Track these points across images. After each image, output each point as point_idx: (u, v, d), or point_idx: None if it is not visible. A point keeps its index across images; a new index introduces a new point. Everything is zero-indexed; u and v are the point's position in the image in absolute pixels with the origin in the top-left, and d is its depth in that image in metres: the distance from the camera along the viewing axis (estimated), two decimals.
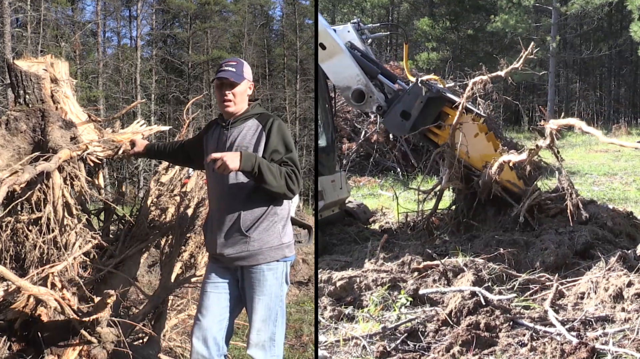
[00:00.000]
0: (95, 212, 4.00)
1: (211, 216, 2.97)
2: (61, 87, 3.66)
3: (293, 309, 6.10)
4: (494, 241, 4.86)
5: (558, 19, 26.19)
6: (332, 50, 5.42)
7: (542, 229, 5.12)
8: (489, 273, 4.23)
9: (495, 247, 4.69)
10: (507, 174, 5.38)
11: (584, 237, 4.84)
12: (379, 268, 4.34)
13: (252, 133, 2.86)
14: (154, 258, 5.66)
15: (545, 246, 4.69)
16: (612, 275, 4.04)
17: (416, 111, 5.30)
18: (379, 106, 5.35)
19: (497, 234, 5.16)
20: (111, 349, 3.18)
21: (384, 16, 31.21)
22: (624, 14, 27.88)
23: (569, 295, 4.07)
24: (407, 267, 4.41)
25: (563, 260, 4.54)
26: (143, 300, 4.26)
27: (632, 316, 3.60)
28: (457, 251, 4.63)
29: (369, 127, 10.95)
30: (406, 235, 5.72)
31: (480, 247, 4.81)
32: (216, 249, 2.86)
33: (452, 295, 3.91)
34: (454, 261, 4.40)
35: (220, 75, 2.88)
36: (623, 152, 11.80)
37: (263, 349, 2.84)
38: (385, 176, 10.40)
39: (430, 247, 4.82)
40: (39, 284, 2.85)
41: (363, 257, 4.74)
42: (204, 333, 2.84)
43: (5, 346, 3.11)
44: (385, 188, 9.23)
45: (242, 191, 2.81)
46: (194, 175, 4.26)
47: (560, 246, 4.67)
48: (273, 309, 2.86)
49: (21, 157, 3.27)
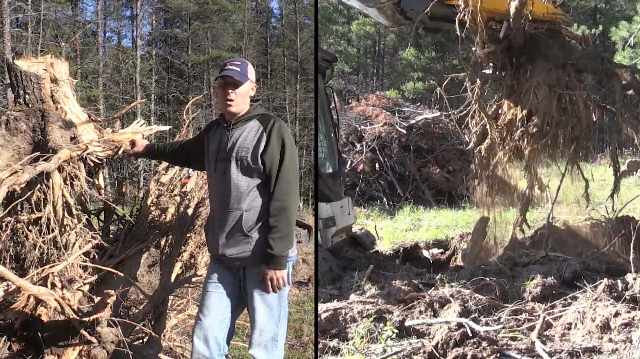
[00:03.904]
0: (95, 212, 4.00)
1: (212, 216, 2.97)
2: (61, 87, 3.66)
3: (293, 309, 6.10)
4: (480, 271, 4.83)
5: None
6: None
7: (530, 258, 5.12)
8: (475, 304, 4.18)
9: (482, 277, 4.66)
10: (540, 7, 5.16)
11: (573, 266, 4.82)
12: (365, 299, 4.28)
13: (253, 134, 2.86)
14: (154, 258, 5.66)
15: (532, 276, 4.67)
16: (599, 305, 4.01)
17: None
18: None
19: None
20: (111, 349, 3.18)
21: (370, 47, 31.35)
22: (606, 45, 28.18)
23: (556, 326, 4.00)
24: (393, 299, 4.35)
25: (550, 290, 4.50)
26: (143, 300, 4.26)
27: (620, 346, 3.56)
28: (444, 281, 4.60)
29: (355, 157, 10.94)
30: (393, 265, 5.67)
31: (466, 277, 4.78)
32: (218, 249, 2.86)
33: (438, 326, 3.84)
34: (440, 292, 4.36)
35: (225, 73, 2.87)
36: (608, 182, 11.80)
37: (265, 349, 2.84)
38: (371, 205, 10.38)
39: (417, 278, 4.78)
40: (39, 284, 2.84)
41: (349, 288, 4.68)
42: (205, 332, 2.84)
43: (5, 346, 3.11)
44: (371, 218, 9.22)
45: (244, 192, 2.81)
46: (194, 175, 4.25)
47: (547, 275, 4.64)
48: (275, 309, 2.87)
49: (21, 157, 3.27)
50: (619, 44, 22.46)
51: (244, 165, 2.82)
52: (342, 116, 11.78)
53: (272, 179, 2.79)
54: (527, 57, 5.32)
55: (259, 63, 34.70)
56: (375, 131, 11.20)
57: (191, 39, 33.72)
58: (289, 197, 2.79)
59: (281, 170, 2.80)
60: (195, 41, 34.07)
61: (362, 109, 12.23)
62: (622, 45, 22.19)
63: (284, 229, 2.76)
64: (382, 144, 11.08)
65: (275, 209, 2.76)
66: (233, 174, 2.82)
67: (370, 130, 11.26)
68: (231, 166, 2.83)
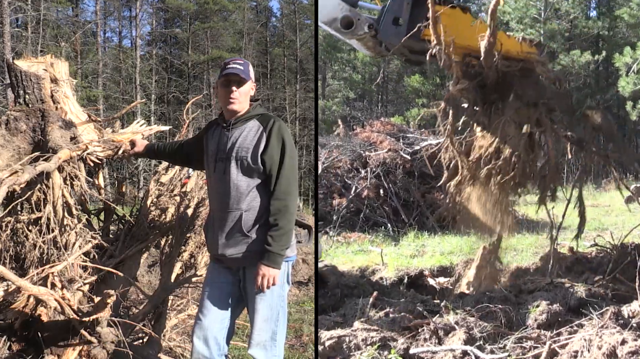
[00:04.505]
0: (95, 212, 4.00)
1: (212, 216, 2.97)
2: (61, 87, 3.66)
3: (293, 309, 6.10)
4: (485, 298, 4.83)
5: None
6: None
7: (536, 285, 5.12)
8: (480, 331, 4.12)
9: (487, 304, 4.65)
10: (510, 44, 5.21)
11: (579, 293, 4.81)
12: (369, 327, 4.21)
13: (253, 134, 2.86)
14: (154, 258, 5.66)
15: (537, 303, 4.66)
16: (606, 333, 3.95)
17: (406, 13, 5.15)
18: (369, 24, 5.21)
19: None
20: (111, 349, 3.18)
21: (375, 73, 31.45)
22: (610, 71, 28.30)
23: (562, 353, 3.92)
24: (398, 326, 4.30)
25: (555, 317, 4.45)
26: (143, 300, 4.26)
27: None
28: (449, 308, 4.61)
29: (360, 183, 10.94)
30: (397, 292, 5.66)
31: (471, 304, 4.78)
32: (218, 249, 2.87)
33: (443, 354, 3.80)
34: (445, 319, 4.30)
35: (229, 71, 2.87)
36: (613, 207, 11.73)
37: (264, 349, 2.85)
38: (375, 231, 10.39)
39: (421, 305, 4.78)
40: (39, 284, 2.85)
41: (353, 315, 4.65)
42: (205, 332, 2.84)
43: (5, 346, 3.11)
44: (375, 244, 9.24)
45: (244, 192, 2.81)
46: (194, 175, 4.25)
47: (553, 302, 4.64)
48: (275, 309, 2.87)
49: (21, 157, 3.27)
50: (623, 70, 22.61)
51: (244, 165, 2.82)
52: (347, 142, 11.90)
53: (273, 178, 2.80)
54: (500, 94, 5.40)
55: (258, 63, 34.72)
56: (380, 157, 11.23)
57: (191, 39, 33.74)
58: (289, 197, 2.80)
59: (281, 169, 2.80)
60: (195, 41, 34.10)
61: (367, 135, 12.29)
62: (625, 72, 22.35)
63: (284, 227, 2.76)
64: (387, 170, 11.11)
65: (276, 208, 2.77)
66: (233, 174, 2.82)
67: (375, 156, 11.28)
68: (231, 166, 2.83)
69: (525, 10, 25.15)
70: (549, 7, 25.47)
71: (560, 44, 25.61)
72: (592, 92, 29.65)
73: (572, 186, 5.51)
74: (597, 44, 27.46)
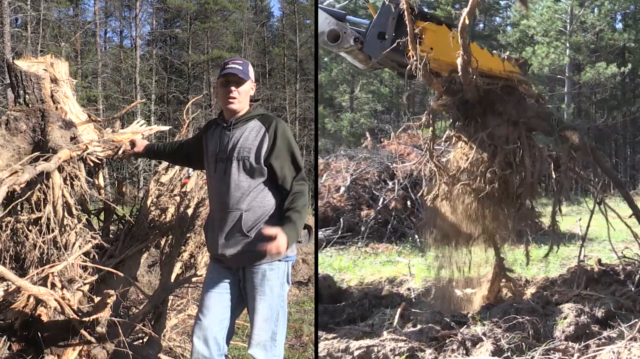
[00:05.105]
0: (95, 212, 4.00)
1: (212, 216, 2.97)
2: (61, 87, 3.66)
3: (293, 309, 6.10)
4: (512, 309, 4.84)
5: (572, 88, 26.91)
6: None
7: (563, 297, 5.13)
8: (508, 342, 4.12)
9: (514, 315, 4.64)
10: (493, 63, 5.28)
11: (607, 305, 4.78)
12: (397, 337, 4.24)
13: (254, 135, 2.87)
14: (154, 258, 5.66)
15: (564, 315, 4.64)
16: (634, 345, 3.93)
17: (391, 29, 5.21)
18: (355, 37, 5.30)
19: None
20: (111, 349, 3.18)
21: (402, 86, 31.59)
22: (636, 83, 28.36)
23: None
24: (425, 336, 4.32)
25: (583, 329, 4.43)
26: (143, 300, 4.26)
27: None
28: (476, 319, 4.61)
29: (387, 194, 11.04)
30: (425, 303, 5.68)
31: (498, 315, 4.79)
32: (218, 249, 2.87)
33: None
34: (472, 330, 4.33)
35: (228, 71, 2.88)
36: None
37: (264, 349, 2.84)
38: (403, 242, 10.48)
39: (449, 316, 4.80)
40: (39, 284, 2.85)
41: (381, 325, 4.67)
42: (205, 332, 2.84)
43: (5, 346, 3.11)
44: (403, 255, 9.29)
45: (245, 192, 2.82)
46: (194, 175, 4.25)
47: (580, 314, 4.62)
48: (275, 308, 2.87)
49: (21, 157, 3.27)
50: None
51: (245, 165, 2.82)
52: (374, 154, 12.05)
53: (288, 174, 2.87)
54: (481, 111, 5.45)
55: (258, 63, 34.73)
56: (407, 169, 11.32)
57: (191, 39, 33.74)
58: (305, 182, 2.89)
59: (294, 163, 2.89)
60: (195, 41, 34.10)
61: (394, 147, 12.39)
62: None
63: (303, 206, 2.81)
64: (414, 181, 11.18)
65: (296, 190, 2.84)
66: (234, 175, 2.82)
67: (402, 168, 11.39)
68: (232, 166, 2.83)
69: (550, 23, 25.53)
70: (575, 20, 25.79)
71: (586, 56, 25.97)
72: (618, 104, 29.93)
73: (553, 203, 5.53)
74: (623, 56, 27.53)
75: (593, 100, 30.26)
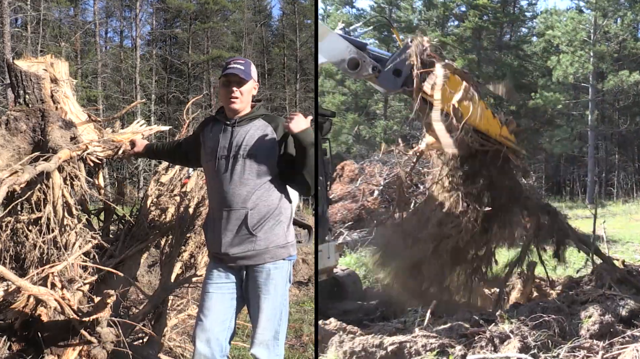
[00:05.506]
0: (95, 212, 4.00)
1: (213, 214, 2.96)
2: (61, 87, 3.66)
3: (293, 309, 6.10)
4: (538, 308, 4.93)
5: (595, 96, 27.56)
6: (320, 32, 5.81)
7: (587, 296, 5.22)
8: (534, 340, 4.24)
9: (540, 314, 4.74)
10: (492, 125, 5.50)
11: (631, 305, 4.88)
12: (428, 334, 4.42)
13: (260, 133, 2.87)
14: (154, 258, 5.66)
15: (589, 314, 4.73)
16: None
17: (407, 68, 5.50)
18: (373, 66, 5.61)
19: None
20: (111, 349, 3.18)
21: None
22: None
23: None
24: (455, 333, 4.51)
25: (607, 328, 4.55)
26: (143, 300, 4.26)
27: None
28: (504, 317, 4.71)
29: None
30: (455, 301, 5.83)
31: (525, 313, 4.89)
32: (221, 248, 2.85)
33: None
34: (500, 328, 4.46)
35: (229, 71, 2.89)
36: None
37: (267, 348, 2.84)
38: None
39: (478, 314, 4.91)
40: (39, 284, 2.84)
41: (413, 322, 4.90)
42: (206, 333, 2.83)
43: (5, 346, 3.11)
44: None
45: (250, 190, 2.81)
46: (194, 175, 4.25)
47: (605, 313, 4.70)
48: (278, 308, 2.87)
49: (21, 157, 3.27)
50: None
51: (252, 164, 2.82)
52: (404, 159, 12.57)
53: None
54: (469, 166, 5.74)
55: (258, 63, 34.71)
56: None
57: (191, 39, 33.74)
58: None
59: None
60: (195, 41, 34.09)
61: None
62: None
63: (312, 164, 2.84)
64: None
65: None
66: (239, 173, 2.82)
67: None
68: (237, 164, 2.83)
69: (575, 33, 26.30)
70: (599, 30, 26.51)
71: (610, 65, 26.68)
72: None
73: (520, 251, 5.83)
74: None
75: (616, 107, 31.09)
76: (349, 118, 28.00)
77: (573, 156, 31.16)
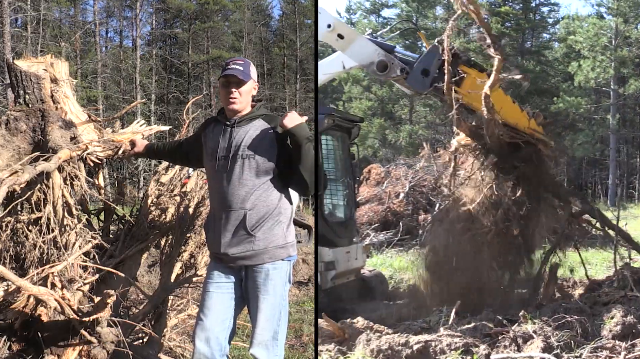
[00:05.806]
0: (95, 212, 4.00)
1: (213, 214, 2.97)
2: (61, 87, 3.66)
3: (293, 309, 6.10)
4: (561, 309, 4.98)
5: (617, 100, 27.88)
6: (349, 37, 5.95)
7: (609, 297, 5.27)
8: (557, 340, 4.28)
9: (563, 314, 4.77)
10: (516, 116, 5.61)
11: None
12: (453, 333, 4.49)
13: (260, 133, 2.87)
14: (154, 258, 5.66)
15: (611, 315, 4.76)
16: None
17: (435, 68, 5.68)
18: (402, 68, 5.79)
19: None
20: (111, 349, 3.18)
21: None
22: None
23: None
24: (479, 333, 4.57)
25: (630, 329, 4.57)
26: (143, 300, 4.26)
27: None
28: (527, 317, 4.74)
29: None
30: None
31: (548, 314, 4.93)
32: (220, 248, 2.86)
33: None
34: (523, 328, 4.51)
35: (228, 72, 2.89)
36: None
37: (266, 348, 2.84)
38: None
39: (501, 314, 4.98)
40: (39, 284, 2.84)
41: (437, 322, 4.97)
42: (206, 333, 2.83)
43: (5, 346, 3.11)
44: None
45: (249, 191, 2.81)
46: (194, 175, 4.25)
47: (627, 315, 4.73)
48: (277, 308, 2.87)
49: (21, 157, 3.27)
50: None
51: (251, 164, 2.82)
52: (430, 164, 12.75)
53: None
54: (500, 159, 5.82)
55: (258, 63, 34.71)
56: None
57: (191, 39, 33.73)
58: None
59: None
60: (195, 41, 34.09)
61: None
62: None
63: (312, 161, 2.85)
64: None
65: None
66: (238, 173, 2.82)
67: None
68: (236, 164, 2.83)
69: (596, 39, 26.63)
70: (620, 35, 26.83)
71: (631, 69, 27.12)
72: None
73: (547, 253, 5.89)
74: None
75: (637, 111, 31.52)
76: (375, 123, 28.41)
77: (595, 159, 31.47)
